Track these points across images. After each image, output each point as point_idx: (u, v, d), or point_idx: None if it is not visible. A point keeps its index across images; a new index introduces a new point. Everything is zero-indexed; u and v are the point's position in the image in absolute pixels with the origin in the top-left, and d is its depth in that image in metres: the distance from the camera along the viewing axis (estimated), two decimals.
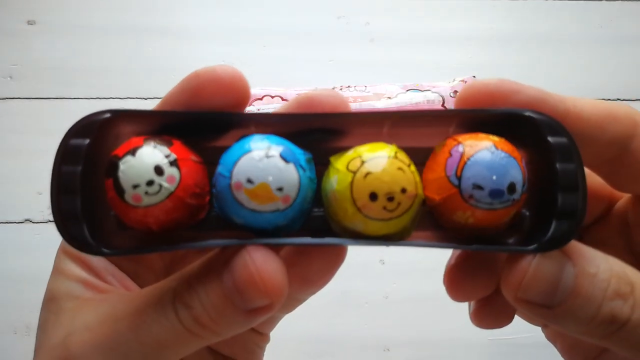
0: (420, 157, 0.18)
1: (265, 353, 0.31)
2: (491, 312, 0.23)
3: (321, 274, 0.21)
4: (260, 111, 0.48)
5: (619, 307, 0.17)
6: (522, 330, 0.29)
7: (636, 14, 0.56)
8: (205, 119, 0.18)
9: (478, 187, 0.16)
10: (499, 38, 0.55)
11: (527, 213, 0.18)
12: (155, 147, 0.16)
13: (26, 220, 0.48)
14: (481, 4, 0.57)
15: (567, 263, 0.17)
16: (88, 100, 0.52)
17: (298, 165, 0.17)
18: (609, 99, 0.53)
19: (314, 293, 0.22)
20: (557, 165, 0.16)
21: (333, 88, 0.50)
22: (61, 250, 0.21)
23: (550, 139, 0.17)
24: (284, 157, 0.17)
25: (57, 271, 0.21)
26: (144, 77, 0.53)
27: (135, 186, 0.16)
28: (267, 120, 0.18)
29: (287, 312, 0.25)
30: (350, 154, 0.17)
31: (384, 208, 0.16)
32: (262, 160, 0.16)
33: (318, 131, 0.18)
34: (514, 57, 0.55)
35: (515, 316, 0.30)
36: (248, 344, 0.25)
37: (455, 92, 0.49)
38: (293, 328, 0.46)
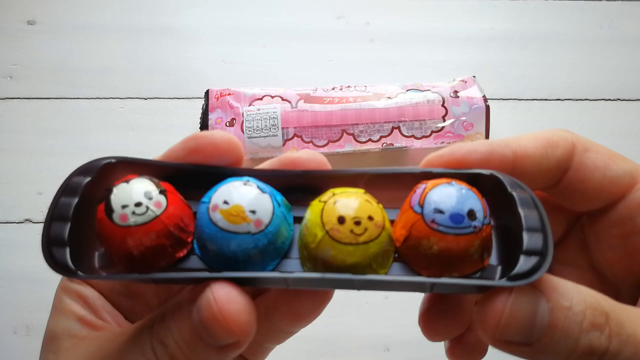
0: (393, 217, 0.19)
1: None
2: (465, 349, 0.24)
3: (311, 310, 0.22)
4: (260, 112, 0.48)
5: (597, 339, 0.17)
6: None
7: (636, 14, 0.56)
8: (197, 172, 0.19)
9: (439, 211, 0.17)
10: (499, 38, 0.55)
11: (499, 267, 0.18)
12: (148, 179, 0.18)
13: (26, 220, 0.48)
14: (481, 4, 0.57)
15: (541, 298, 0.17)
16: (88, 100, 0.52)
17: (274, 198, 0.18)
18: (609, 99, 0.53)
19: (304, 327, 0.23)
20: (520, 211, 0.17)
21: (333, 88, 0.50)
22: (60, 289, 0.22)
23: (512, 192, 0.18)
24: (260, 188, 0.18)
25: (56, 310, 0.22)
26: (144, 77, 0.53)
27: (124, 206, 0.17)
28: (254, 174, 0.19)
29: (278, 344, 0.26)
30: (323, 194, 0.18)
31: (351, 231, 0.17)
32: (240, 187, 0.18)
33: (299, 189, 0.19)
34: (514, 57, 0.55)
35: None
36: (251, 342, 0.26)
37: (456, 92, 0.49)
38: None
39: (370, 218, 0.17)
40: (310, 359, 0.44)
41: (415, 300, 0.48)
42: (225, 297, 0.17)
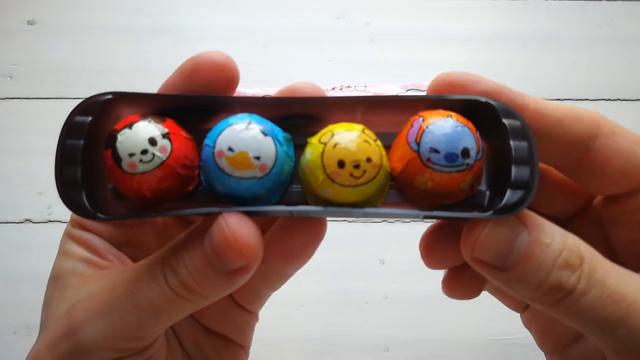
0: (390, 142, 0.19)
1: (266, 353, 0.33)
2: (460, 282, 0.24)
3: (303, 248, 0.23)
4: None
5: (567, 277, 0.18)
6: (522, 330, 0.29)
7: (636, 14, 0.56)
8: (196, 102, 0.20)
9: (435, 150, 0.18)
10: (499, 38, 0.55)
11: (487, 192, 0.19)
12: (149, 122, 0.18)
13: (26, 220, 0.48)
14: (481, 4, 0.57)
15: (523, 230, 0.18)
16: None
17: (276, 139, 0.19)
18: (609, 99, 0.53)
19: (298, 269, 0.24)
20: (511, 143, 0.18)
21: (333, 88, 0.50)
22: (65, 235, 0.23)
23: (505, 121, 0.18)
24: (262, 131, 0.18)
25: (62, 252, 0.22)
26: (144, 77, 0.53)
27: (131, 155, 0.18)
28: (252, 102, 0.20)
29: (274, 289, 0.27)
30: (323, 130, 0.19)
31: (351, 175, 0.18)
32: (243, 131, 0.18)
33: (298, 117, 0.20)
34: (514, 57, 0.55)
35: (514, 317, 0.30)
36: (239, 322, 0.26)
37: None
38: (293, 328, 0.46)
39: (368, 160, 0.18)
40: (310, 359, 0.45)
41: (415, 301, 0.48)
42: (236, 223, 0.18)
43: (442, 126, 0.18)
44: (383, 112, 0.20)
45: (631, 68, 0.54)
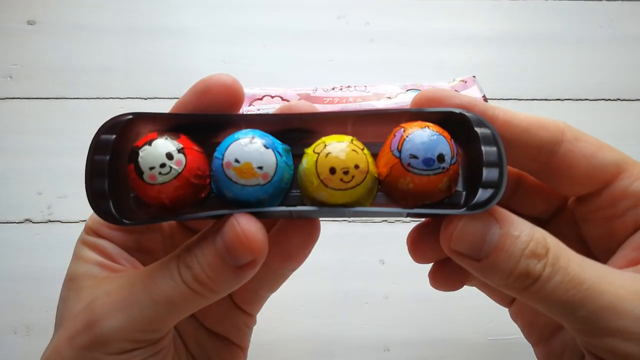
0: (378, 150, 0.22)
1: (266, 353, 0.34)
2: (444, 274, 0.27)
3: (299, 248, 0.25)
4: (260, 111, 0.48)
5: (533, 265, 0.20)
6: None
7: (636, 14, 0.56)
8: (207, 120, 0.23)
9: (414, 156, 0.21)
10: (499, 38, 0.55)
11: (464, 192, 0.22)
12: (166, 139, 0.21)
13: (26, 220, 0.48)
14: (481, 4, 0.57)
15: (494, 224, 0.20)
16: (88, 100, 0.52)
17: (276, 151, 0.21)
18: (609, 99, 0.53)
19: (294, 269, 0.26)
20: (482, 148, 0.21)
21: (333, 88, 0.50)
22: (80, 242, 0.25)
23: (477, 129, 0.21)
24: (264, 144, 0.21)
25: (76, 257, 0.24)
26: (144, 77, 0.53)
27: (152, 168, 0.20)
28: (254, 119, 0.23)
29: (272, 291, 0.29)
30: (317, 142, 0.21)
31: (341, 180, 0.21)
32: (247, 145, 0.21)
33: (296, 130, 0.23)
34: (514, 57, 0.55)
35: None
36: (238, 323, 0.28)
37: (456, 92, 0.49)
38: (293, 328, 0.46)
39: (356, 166, 0.21)
40: (310, 359, 0.45)
41: (415, 301, 0.48)
42: (246, 221, 0.20)
43: (420, 135, 0.21)
44: (370, 124, 0.23)
45: (631, 68, 0.54)
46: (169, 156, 0.21)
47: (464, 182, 0.22)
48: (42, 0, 0.56)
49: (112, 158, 0.21)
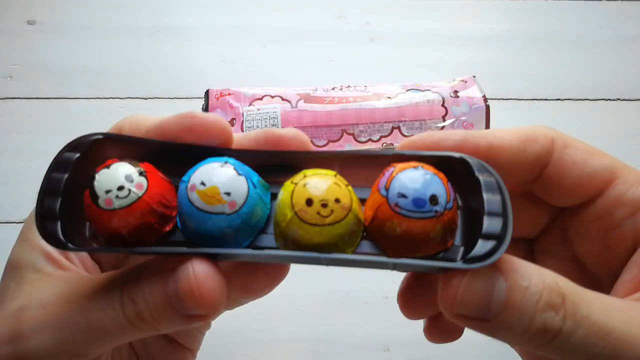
0: (366, 197, 0.20)
1: (265, 352, 0.33)
2: (441, 328, 0.25)
3: (263, 286, 0.23)
4: (260, 111, 0.48)
5: (551, 318, 0.17)
6: None
7: (636, 14, 0.56)
8: (183, 149, 0.20)
9: (402, 195, 0.18)
10: (499, 38, 0.55)
11: (461, 247, 0.19)
12: (128, 162, 0.19)
13: None
14: (481, 4, 0.57)
15: (499, 277, 0.17)
16: (88, 100, 0.52)
17: (249, 180, 0.19)
18: (609, 99, 0.53)
19: (253, 300, 0.24)
20: (484, 195, 0.18)
21: (333, 88, 0.50)
22: (31, 220, 0.22)
23: (479, 176, 0.18)
24: (236, 170, 0.19)
25: (23, 239, 0.22)
26: (144, 77, 0.53)
27: (108, 191, 0.18)
28: (236, 154, 0.20)
29: (226, 310, 0.26)
30: (298, 174, 0.19)
31: (318, 213, 0.18)
32: (217, 169, 0.18)
33: (279, 167, 0.20)
34: (514, 57, 0.55)
35: None
36: (190, 329, 0.27)
37: (456, 92, 0.49)
38: (293, 328, 0.46)
39: (337, 200, 0.18)
40: (310, 359, 0.45)
41: None
42: (203, 274, 0.18)
43: (411, 173, 0.18)
44: (360, 166, 0.20)
45: (631, 68, 0.54)
46: (129, 178, 0.18)
47: (463, 236, 0.19)
48: (42, 0, 0.56)
49: (72, 178, 0.19)
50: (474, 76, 0.51)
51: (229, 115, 0.49)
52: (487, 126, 0.48)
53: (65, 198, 0.19)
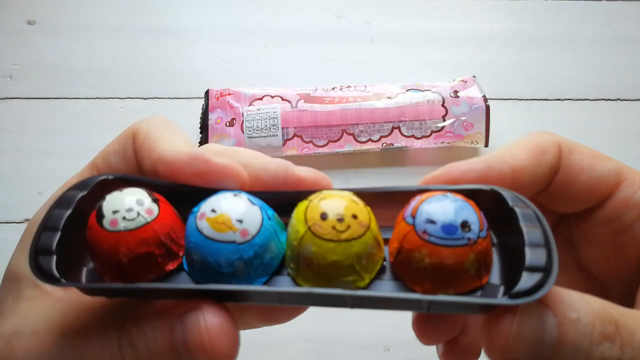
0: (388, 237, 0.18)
1: (265, 353, 0.32)
2: (458, 353, 0.23)
3: (285, 317, 0.21)
4: (260, 111, 0.48)
5: (608, 350, 0.16)
6: None
7: (636, 14, 0.56)
8: (195, 191, 0.18)
9: (431, 221, 0.16)
10: (499, 38, 0.55)
11: (501, 286, 0.17)
12: (142, 189, 0.17)
13: (26, 220, 0.48)
14: (481, 4, 0.57)
15: (548, 313, 0.16)
16: (88, 100, 0.52)
17: (264, 210, 0.17)
18: (609, 99, 0.53)
19: (270, 325, 0.23)
20: (522, 226, 0.17)
21: (333, 88, 0.50)
22: (32, 227, 0.21)
23: (514, 208, 0.17)
24: (250, 200, 0.17)
25: (23, 248, 0.21)
26: (144, 77, 0.53)
27: (115, 212, 0.17)
28: (254, 194, 0.18)
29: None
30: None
31: (333, 227, 0.16)
32: (229, 198, 0.17)
33: (292, 205, 0.18)
34: (514, 57, 0.54)
35: None
36: None
37: (456, 92, 0.49)
38: (293, 328, 0.46)
39: (354, 216, 0.16)
40: (310, 359, 0.44)
41: None
42: (217, 327, 0.16)
43: (440, 199, 0.17)
44: (382, 203, 0.19)
45: (631, 68, 0.54)
46: (140, 202, 0.17)
47: (501, 272, 0.17)
48: (42, 0, 0.56)
49: (74, 215, 0.18)
50: (474, 76, 0.51)
51: (229, 115, 0.49)
52: (487, 126, 0.48)
53: (65, 234, 0.17)
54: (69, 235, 0.17)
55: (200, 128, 0.49)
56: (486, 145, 0.49)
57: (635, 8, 0.56)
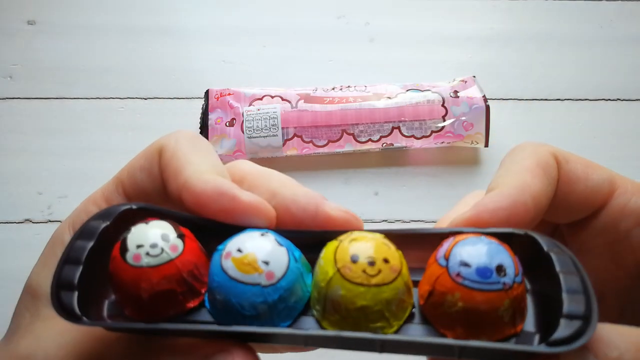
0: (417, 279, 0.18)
1: (265, 352, 0.32)
2: None
3: (289, 350, 0.21)
4: (260, 111, 0.48)
5: None
6: None
7: (636, 14, 0.56)
8: (222, 227, 0.18)
9: (465, 264, 0.16)
10: (499, 38, 0.55)
11: (537, 334, 0.17)
12: (168, 222, 0.17)
13: (26, 220, 0.48)
14: (481, 4, 0.57)
15: (588, 356, 0.16)
16: (88, 100, 0.52)
17: (291, 252, 0.17)
18: (609, 99, 0.53)
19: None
20: (558, 272, 0.16)
21: (333, 88, 0.50)
22: (58, 240, 0.21)
23: (549, 253, 0.17)
24: (277, 240, 0.17)
25: (45, 263, 0.20)
26: (144, 77, 0.53)
27: (139, 246, 0.16)
28: (282, 233, 0.18)
29: None
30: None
31: (364, 271, 0.16)
32: (256, 237, 0.17)
33: (319, 244, 0.18)
34: (514, 57, 0.54)
35: None
36: None
37: (456, 92, 0.49)
38: None
39: (385, 260, 0.16)
40: (310, 359, 0.44)
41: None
42: None
43: (474, 241, 0.16)
44: (411, 246, 0.18)
45: (631, 68, 0.54)
46: (165, 238, 0.17)
47: (536, 320, 0.17)
48: (42, 0, 0.56)
49: (97, 247, 0.17)
50: (474, 76, 0.51)
51: (229, 115, 0.49)
52: (487, 126, 0.48)
53: (87, 267, 0.17)
54: (91, 268, 0.17)
55: (200, 128, 0.49)
56: (486, 145, 0.49)
57: (635, 8, 0.56)
